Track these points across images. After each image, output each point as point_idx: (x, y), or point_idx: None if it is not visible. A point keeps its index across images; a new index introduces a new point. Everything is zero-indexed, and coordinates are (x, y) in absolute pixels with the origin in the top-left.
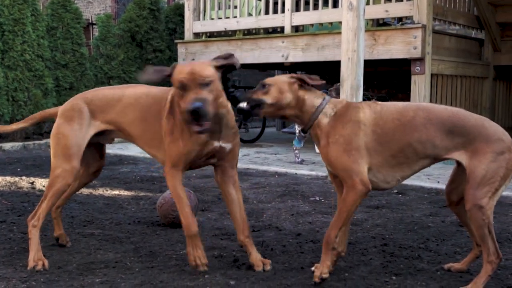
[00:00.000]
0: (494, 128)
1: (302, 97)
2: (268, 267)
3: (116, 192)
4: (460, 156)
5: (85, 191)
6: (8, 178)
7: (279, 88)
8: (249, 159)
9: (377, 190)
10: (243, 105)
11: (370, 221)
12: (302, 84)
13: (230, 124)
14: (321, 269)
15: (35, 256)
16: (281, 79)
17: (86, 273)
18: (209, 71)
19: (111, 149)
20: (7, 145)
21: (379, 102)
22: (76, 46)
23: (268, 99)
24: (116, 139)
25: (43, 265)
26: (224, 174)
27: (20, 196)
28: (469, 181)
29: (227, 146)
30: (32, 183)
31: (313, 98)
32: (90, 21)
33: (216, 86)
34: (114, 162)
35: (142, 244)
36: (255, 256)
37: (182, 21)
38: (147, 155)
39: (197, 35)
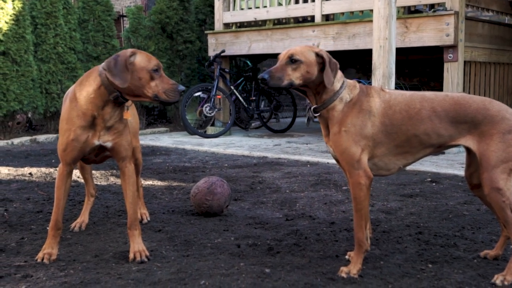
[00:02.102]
0: (497, 108)
1: (322, 78)
2: (141, 259)
3: (150, 182)
4: (467, 141)
5: (119, 181)
6: (43, 169)
7: (308, 65)
8: (280, 149)
9: (377, 176)
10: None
11: (404, 210)
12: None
13: (115, 125)
14: (351, 269)
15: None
16: (310, 56)
17: (122, 262)
18: None
19: (143, 140)
20: (42, 137)
21: (387, 90)
22: (108, 39)
23: (298, 79)
24: (148, 130)
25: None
26: (119, 166)
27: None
28: (482, 165)
29: (108, 144)
30: None
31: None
32: (121, 13)
33: None
34: (146, 153)
35: (177, 233)
36: (132, 247)
37: (212, 12)
38: (179, 146)
39: (227, 25)
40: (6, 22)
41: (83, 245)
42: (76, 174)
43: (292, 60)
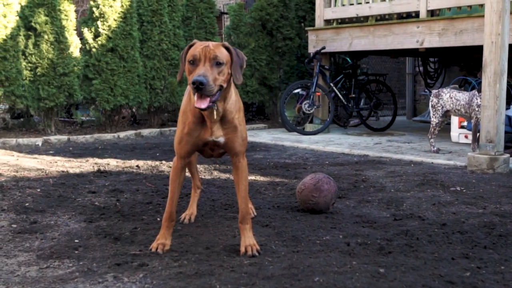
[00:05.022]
0: None
1: None
2: (252, 253)
3: (252, 177)
4: None
5: (222, 175)
6: (149, 162)
7: None
8: (381, 147)
9: None
10: None
11: None
12: None
13: (229, 120)
14: None
15: None
16: None
17: (233, 255)
18: (223, 51)
19: None
20: (145, 131)
21: None
22: (210, 36)
23: None
24: (247, 127)
25: None
26: (232, 161)
27: (162, 179)
28: None
29: (221, 139)
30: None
31: None
32: (222, 11)
33: (227, 69)
34: (247, 149)
35: (284, 228)
36: (243, 241)
37: (312, 9)
38: (278, 142)
39: (328, 22)
40: (115, 20)
41: (194, 237)
42: None
43: None
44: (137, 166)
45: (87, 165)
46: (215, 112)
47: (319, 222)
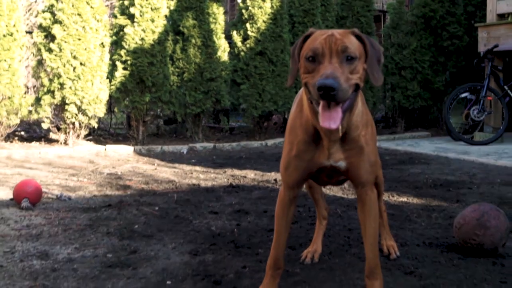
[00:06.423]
0: None
1: None
2: None
3: (404, 199)
4: None
5: None
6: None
7: None
8: None
9: None
10: None
11: None
12: None
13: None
14: None
15: None
16: None
17: None
18: (354, 42)
19: (401, 146)
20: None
21: None
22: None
23: None
24: (407, 135)
25: None
26: (356, 192)
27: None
28: None
29: (341, 164)
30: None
31: None
32: (381, 9)
33: (361, 66)
34: (403, 161)
35: (433, 279)
36: None
37: (483, 3)
38: (441, 153)
39: (501, 16)
40: (264, 22)
41: (311, 285)
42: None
43: None
44: (275, 180)
45: (222, 177)
46: (340, 127)
47: (483, 272)
